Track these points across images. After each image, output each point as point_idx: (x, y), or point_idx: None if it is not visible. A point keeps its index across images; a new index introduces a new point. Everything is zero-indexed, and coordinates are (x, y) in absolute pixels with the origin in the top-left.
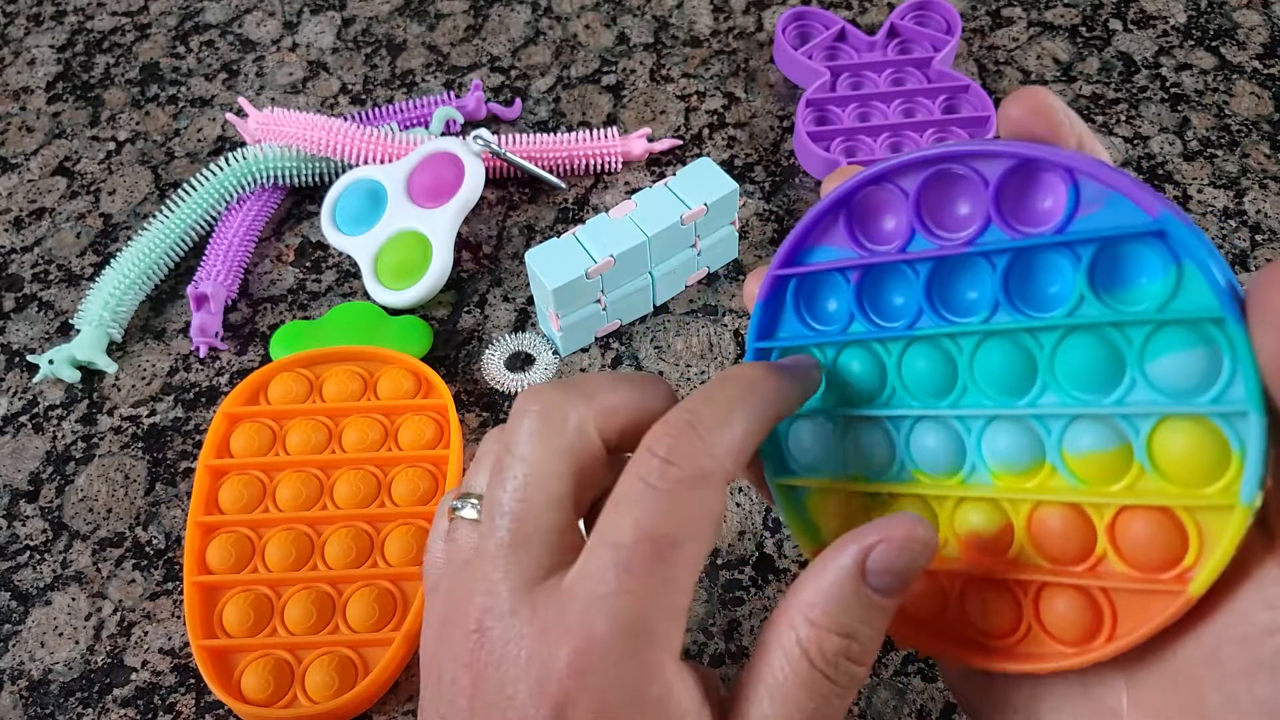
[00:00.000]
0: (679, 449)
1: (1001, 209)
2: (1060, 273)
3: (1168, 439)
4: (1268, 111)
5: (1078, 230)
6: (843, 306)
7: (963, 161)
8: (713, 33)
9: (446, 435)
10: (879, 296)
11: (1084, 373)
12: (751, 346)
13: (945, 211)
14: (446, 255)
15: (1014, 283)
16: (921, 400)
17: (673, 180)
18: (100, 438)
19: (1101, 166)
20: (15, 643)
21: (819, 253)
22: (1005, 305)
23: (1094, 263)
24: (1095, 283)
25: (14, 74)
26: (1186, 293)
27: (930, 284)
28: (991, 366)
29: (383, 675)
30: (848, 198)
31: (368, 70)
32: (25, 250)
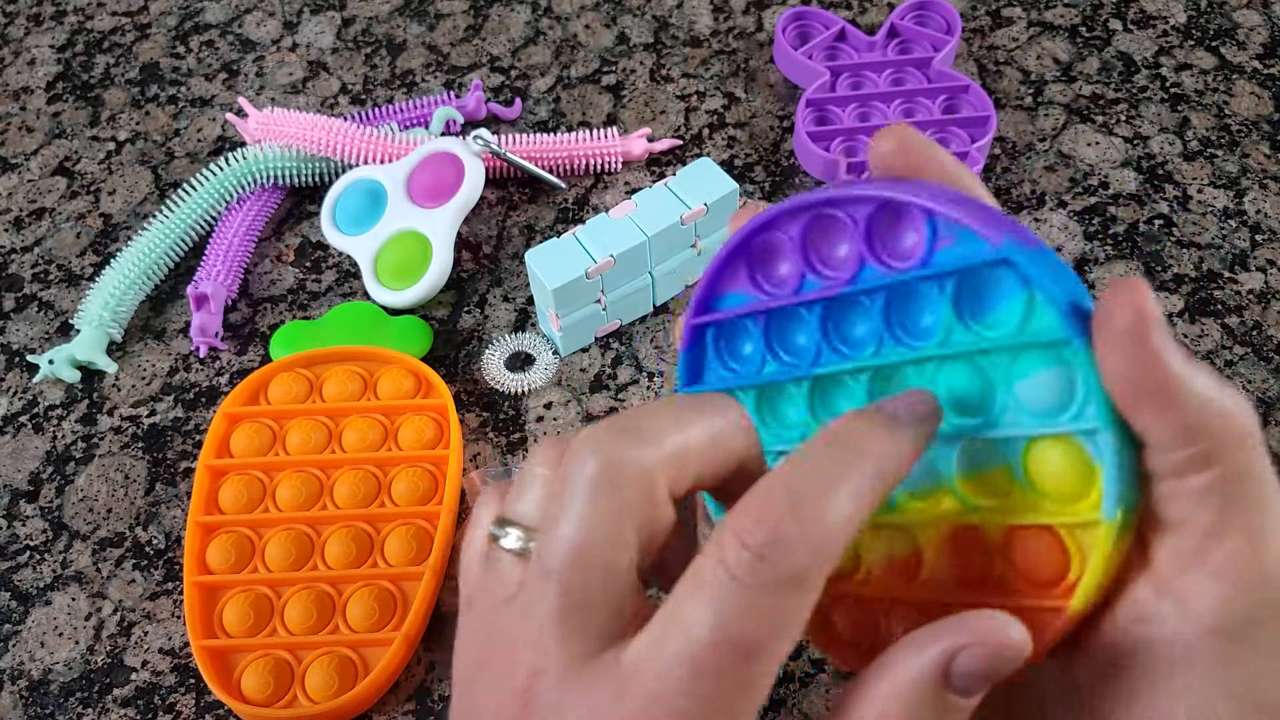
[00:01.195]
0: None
1: (873, 248)
2: (932, 303)
3: (1040, 459)
4: (1268, 111)
5: (939, 263)
6: (756, 349)
7: (834, 206)
8: (713, 33)
9: (446, 435)
10: (785, 337)
11: (961, 399)
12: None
13: (829, 252)
14: (446, 255)
15: (894, 316)
16: None
17: (673, 180)
18: (100, 438)
19: (951, 201)
20: (15, 643)
21: (729, 299)
22: (888, 339)
23: (957, 293)
24: (961, 311)
25: (14, 74)
26: (1037, 316)
27: (824, 323)
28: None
29: (383, 675)
30: (744, 244)
31: (368, 70)
32: (25, 250)
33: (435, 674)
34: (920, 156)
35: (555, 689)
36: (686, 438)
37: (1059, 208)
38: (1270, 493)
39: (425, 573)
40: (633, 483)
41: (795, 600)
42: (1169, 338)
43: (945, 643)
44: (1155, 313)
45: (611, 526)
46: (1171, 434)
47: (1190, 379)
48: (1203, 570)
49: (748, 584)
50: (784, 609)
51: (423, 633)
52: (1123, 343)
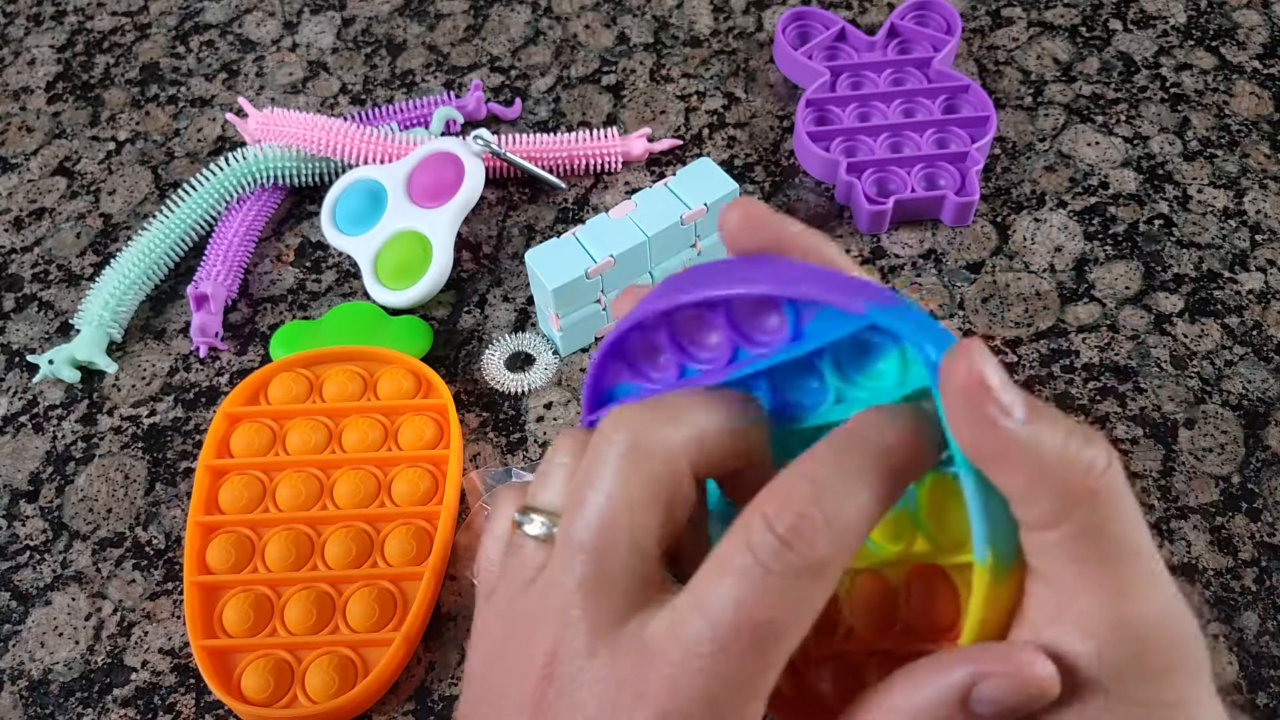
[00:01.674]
0: (801, 533)
1: (742, 332)
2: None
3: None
4: (1268, 111)
5: (810, 334)
6: None
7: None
8: (713, 33)
9: (446, 435)
10: None
11: None
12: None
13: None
14: (446, 255)
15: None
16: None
17: (673, 180)
18: (100, 438)
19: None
20: (15, 643)
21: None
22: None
23: (835, 358)
24: (845, 372)
25: (14, 74)
26: (913, 366)
27: None
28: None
29: (383, 675)
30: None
31: (368, 70)
32: (25, 250)
33: (435, 674)
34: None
35: (578, 659)
36: (710, 421)
37: (1059, 208)
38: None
39: (425, 573)
40: (659, 459)
41: (815, 588)
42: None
43: (971, 668)
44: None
45: (639, 500)
46: (1018, 489)
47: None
48: (1065, 623)
49: (772, 570)
50: (804, 596)
51: (423, 633)
52: (960, 405)
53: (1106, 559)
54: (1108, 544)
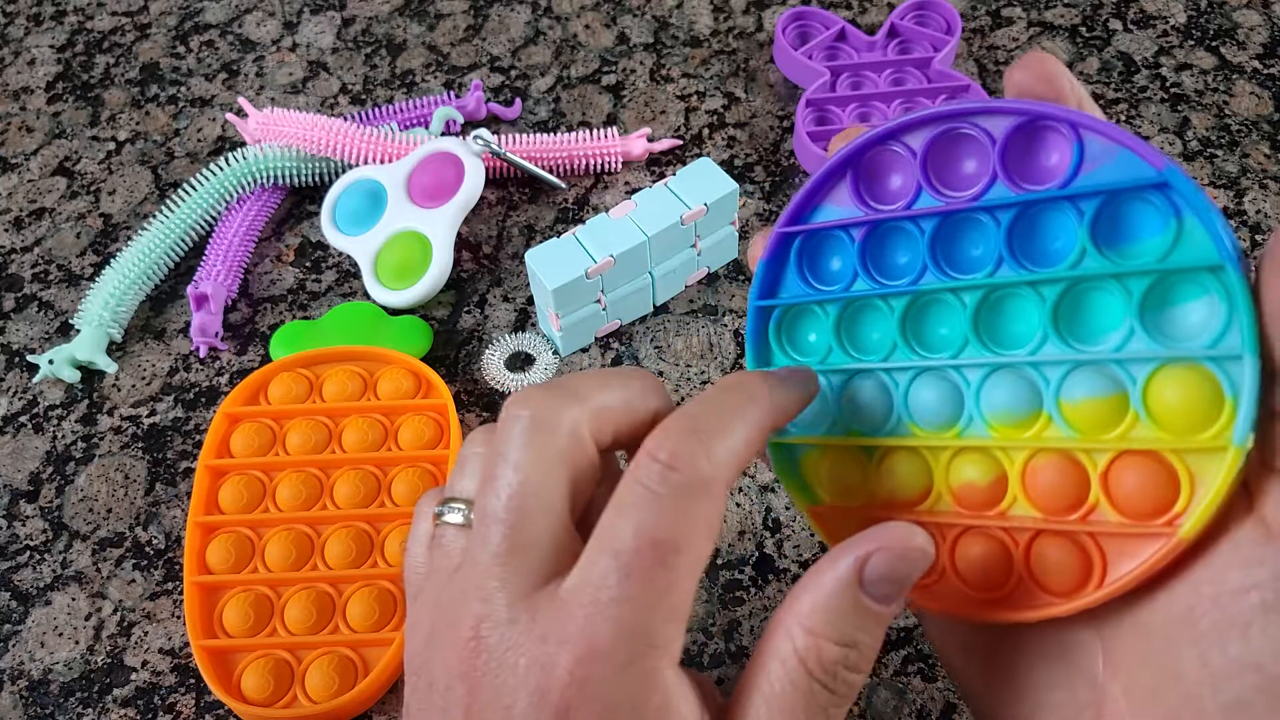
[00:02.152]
0: (681, 455)
1: (1007, 166)
2: (1063, 228)
3: (1163, 386)
4: (1268, 111)
5: (1082, 185)
6: (847, 265)
7: (970, 119)
8: (713, 33)
9: (446, 435)
10: (883, 254)
11: (1084, 323)
12: (753, 305)
13: (952, 170)
14: (446, 255)
15: (1018, 238)
16: (922, 354)
17: (673, 180)
18: (100, 438)
19: (1107, 124)
20: (15, 643)
21: (824, 212)
22: (1009, 260)
23: (1096, 218)
24: (1097, 237)
25: (14, 74)
26: (1186, 244)
27: (935, 241)
28: (993, 319)
29: (383, 675)
30: (855, 156)
31: (368, 70)
32: (25, 250)
33: None
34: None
35: (501, 628)
36: (606, 395)
37: None
38: None
39: None
40: (562, 430)
41: (702, 504)
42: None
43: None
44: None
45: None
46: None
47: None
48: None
49: (659, 493)
50: (693, 511)
51: None
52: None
53: None
54: None
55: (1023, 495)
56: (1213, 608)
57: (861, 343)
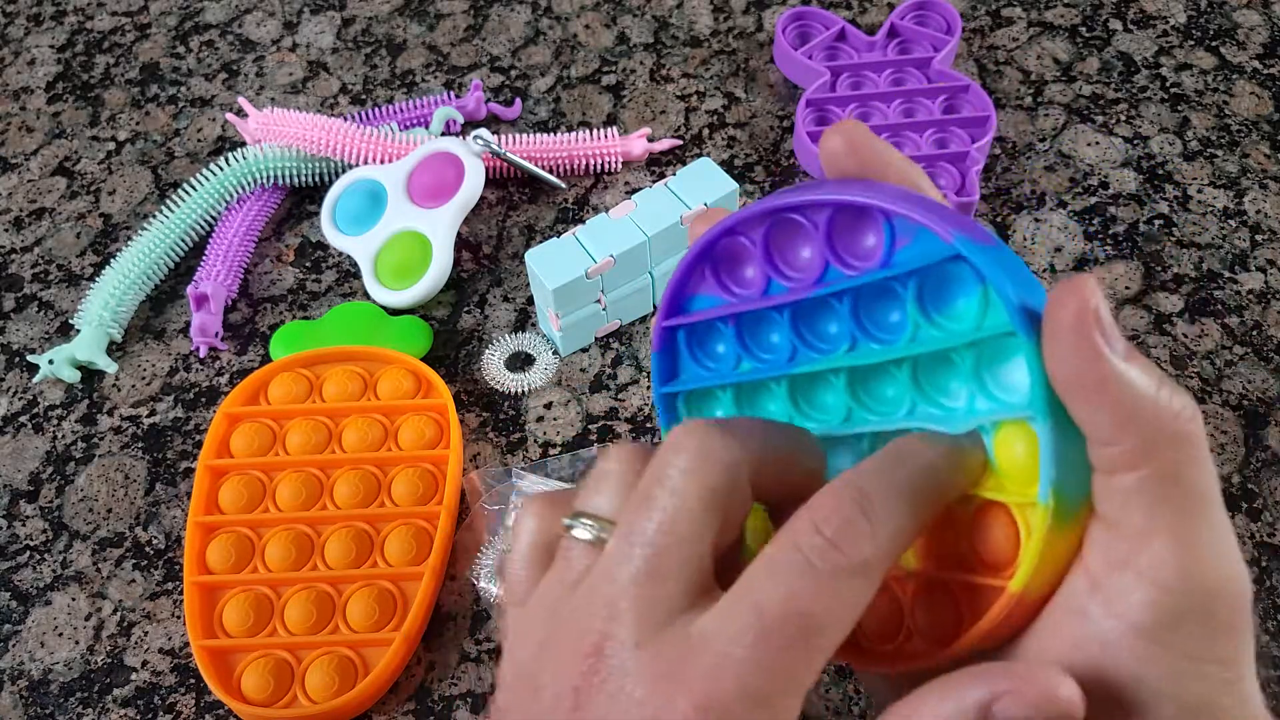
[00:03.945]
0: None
1: (836, 249)
2: (895, 302)
3: (1004, 442)
4: (1268, 111)
5: (899, 262)
6: (729, 349)
7: (794, 211)
8: (713, 33)
9: (446, 435)
10: (758, 336)
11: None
12: (658, 393)
13: (792, 254)
14: (446, 255)
15: (863, 315)
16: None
17: (673, 180)
18: (100, 438)
19: (907, 200)
20: (15, 643)
21: (699, 300)
22: (861, 336)
23: (920, 289)
24: (926, 306)
25: (14, 74)
26: (992, 310)
27: (795, 322)
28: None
29: (383, 675)
30: (708, 249)
31: (368, 70)
32: (25, 250)
33: (435, 674)
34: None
35: (625, 651)
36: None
37: (1059, 208)
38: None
39: (425, 573)
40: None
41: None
42: (1113, 333)
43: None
44: (1097, 309)
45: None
46: (1105, 427)
47: (1128, 374)
48: (1130, 571)
49: (819, 567)
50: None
51: (423, 633)
52: (1064, 336)
53: (1183, 506)
54: (1186, 491)
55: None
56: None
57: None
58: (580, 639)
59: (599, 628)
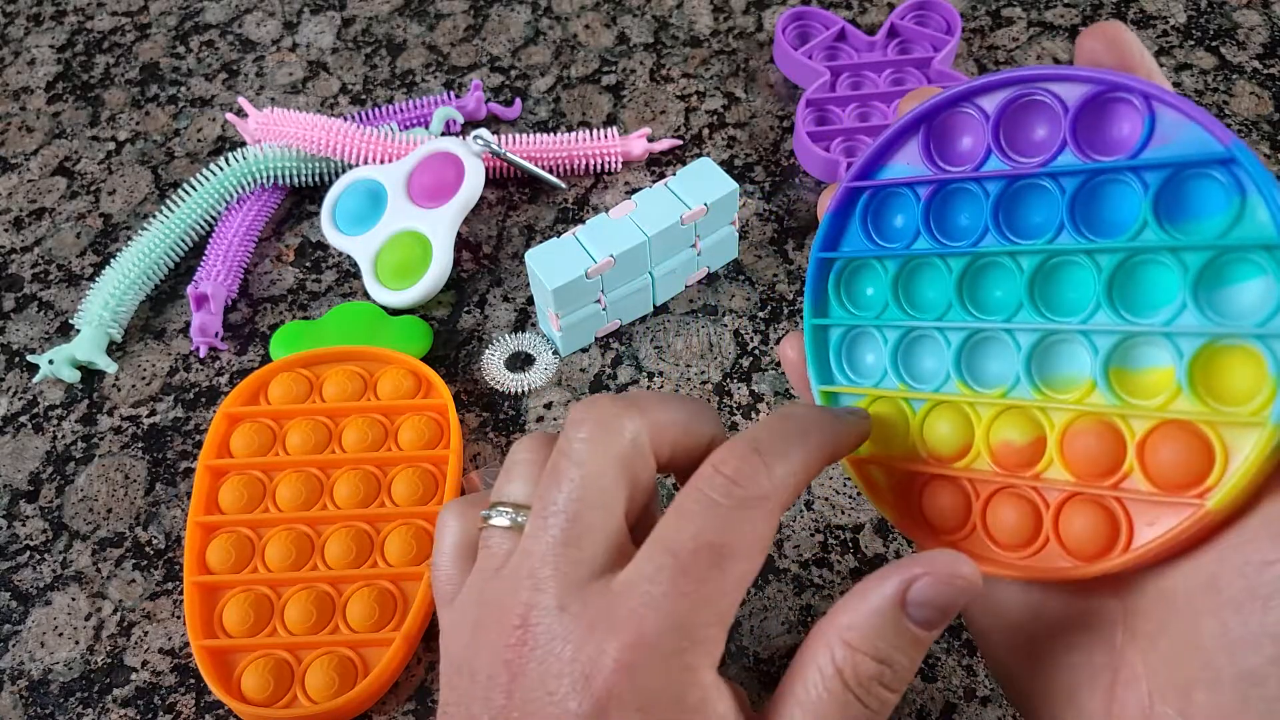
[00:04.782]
0: (744, 471)
1: (1077, 134)
2: (1126, 200)
3: (1209, 362)
4: (1268, 111)
5: (1150, 158)
6: (910, 222)
7: (1045, 85)
8: (713, 33)
9: (446, 435)
10: (946, 214)
11: (1137, 295)
12: (815, 256)
13: (1021, 135)
14: (446, 255)
15: (1080, 207)
16: (977, 315)
17: (673, 180)
18: (100, 438)
19: (1179, 97)
20: (15, 643)
21: (892, 169)
22: (1070, 228)
23: (1160, 191)
24: (1159, 211)
25: (14, 74)
26: (1247, 223)
27: (999, 204)
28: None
29: (383, 675)
30: (929, 116)
31: (368, 70)
32: (25, 250)
33: (435, 674)
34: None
35: (550, 616)
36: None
37: None
38: None
39: (425, 572)
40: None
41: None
42: None
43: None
44: None
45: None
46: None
47: None
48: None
49: (721, 503)
50: (751, 523)
51: (423, 633)
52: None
53: None
54: None
55: (1059, 458)
56: (1237, 578)
57: (918, 300)
58: (507, 615)
59: (524, 599)
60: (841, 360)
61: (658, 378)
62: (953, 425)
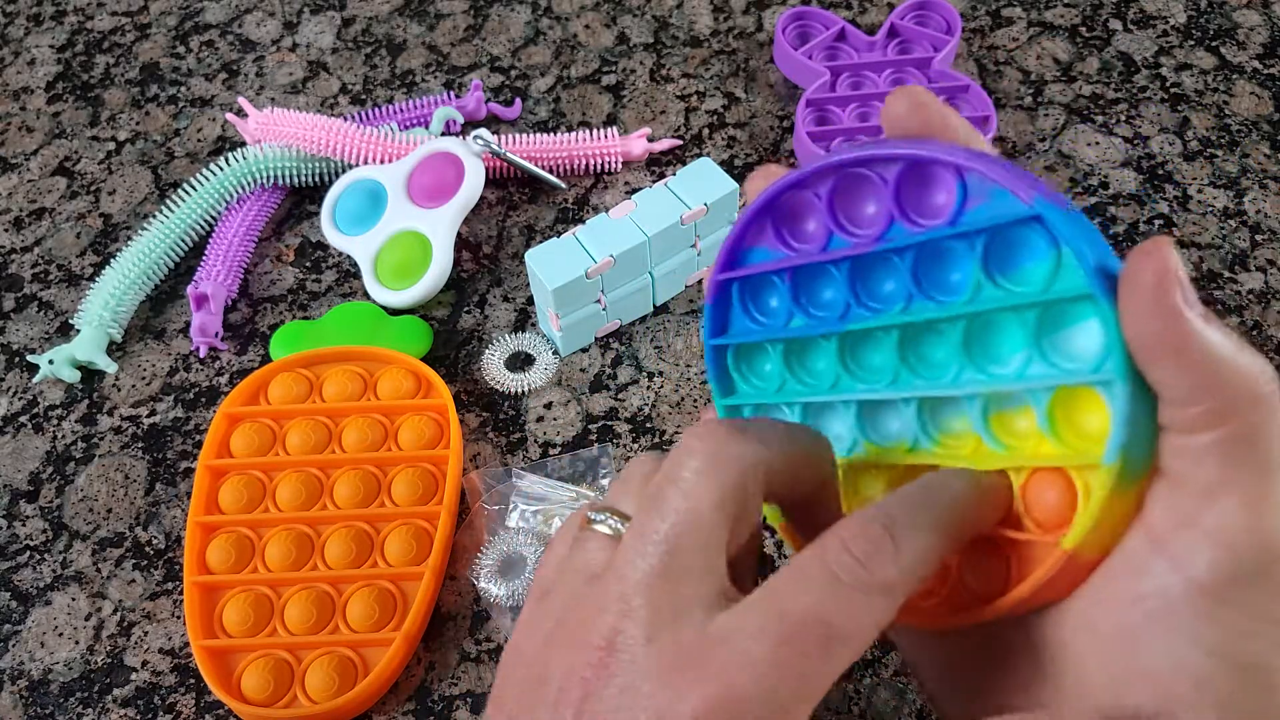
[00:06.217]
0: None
1: (902, 206)
2: (960, 260)
3: (1062, 407)
4: (1268, 111)
5: (968, 221)
6: (782, 304)
7: (864, 165)
8: (713, 33)
9: (446, 435)
10: (812, 292)
11: (990, 349)
12: (708, 344)
13: (856, 211)
14: (446, 255)
15: (922, 273)
16: (865, 380)
17: (673, 180)
18: (100, 438)
19: (984, 160)
20: (15, 643)
21: (756, 254)
22: (917, 295)
23: (986, 250)
24: (990, 268)
25: (14, 74)
26: (1064, 273)
27: (852, 279)
28: (917, 348)
29: (383, 675)
30: (772, 202)
31: (368, 70)
32: (25, 250)
33: (435, 674)
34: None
35: (636, 646)
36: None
37: None
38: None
39: (425, 573)
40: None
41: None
42: (1192, 296)
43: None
44: (1178, 271)
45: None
46: (1185, 388)
47: (1208, 336)
48: (1197, 528)
49: (844, 582)
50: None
51: (423, 633)
52: (1144, 298)
53: (1256, 467)
54: (1260, 453)
55: None
56: (1108, 617)
57: (812, 370)
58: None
59: (611, 622)
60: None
61: (658, 378)
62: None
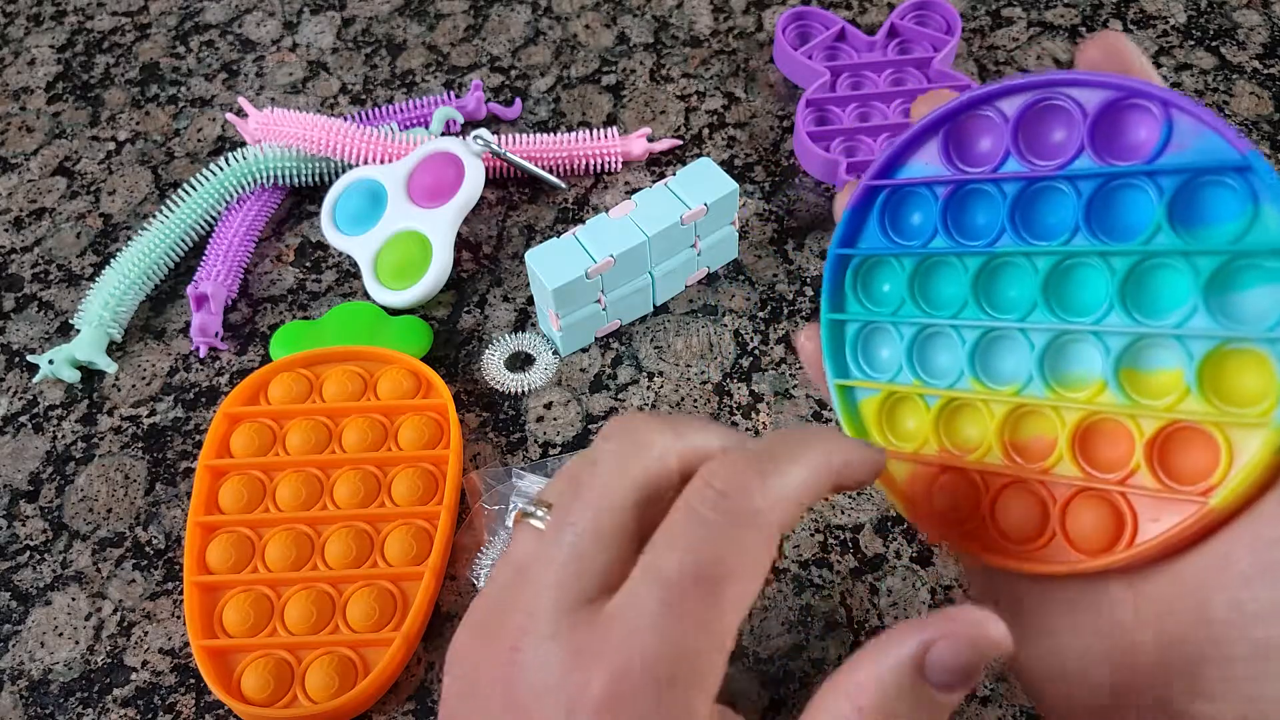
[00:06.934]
0: (735, 482)
1: (1095, 139)
2: (1141, 204)
3: (1218, 365)
4: (1268, 111)
5: (1165, 163)
6: (927, 221)
7: (1064, 90)
8: (713, 33)
9: (446, 435)
10: (964, 214)
11: (1149, 297)
12: (833, 252)
13: (1040, 139)
14: (446, 255)
15: (1096, 210)
16: (991, 314)
17: (673, 180)
18: (100, 438)
19: (1196, 105)
20: (15, 643)
21: (911, 168)
22: (1084, 230)
23: (1175, 196)
24: (1173, 215)
25: (14, 74)
26: (1260, 229)
27: (1016, 205)
28: (1063, 286)
29: (383, 675)
30: (949, 117)
31: (368, 70)
32: (25, 250)
33: (435, 674)
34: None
35: (540, 642)
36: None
37: None
38: None
39: (425, 573)
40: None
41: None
42: None
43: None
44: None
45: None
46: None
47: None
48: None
49: (710, 517)
50: (743, 542)
51: (423, 633)
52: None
53: None
54: None
55: (1068, 454)
56: (1249, 553)
57: (934, 297)
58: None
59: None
60: (857, 355)
61: (658, 378)
62: (966, 420)
